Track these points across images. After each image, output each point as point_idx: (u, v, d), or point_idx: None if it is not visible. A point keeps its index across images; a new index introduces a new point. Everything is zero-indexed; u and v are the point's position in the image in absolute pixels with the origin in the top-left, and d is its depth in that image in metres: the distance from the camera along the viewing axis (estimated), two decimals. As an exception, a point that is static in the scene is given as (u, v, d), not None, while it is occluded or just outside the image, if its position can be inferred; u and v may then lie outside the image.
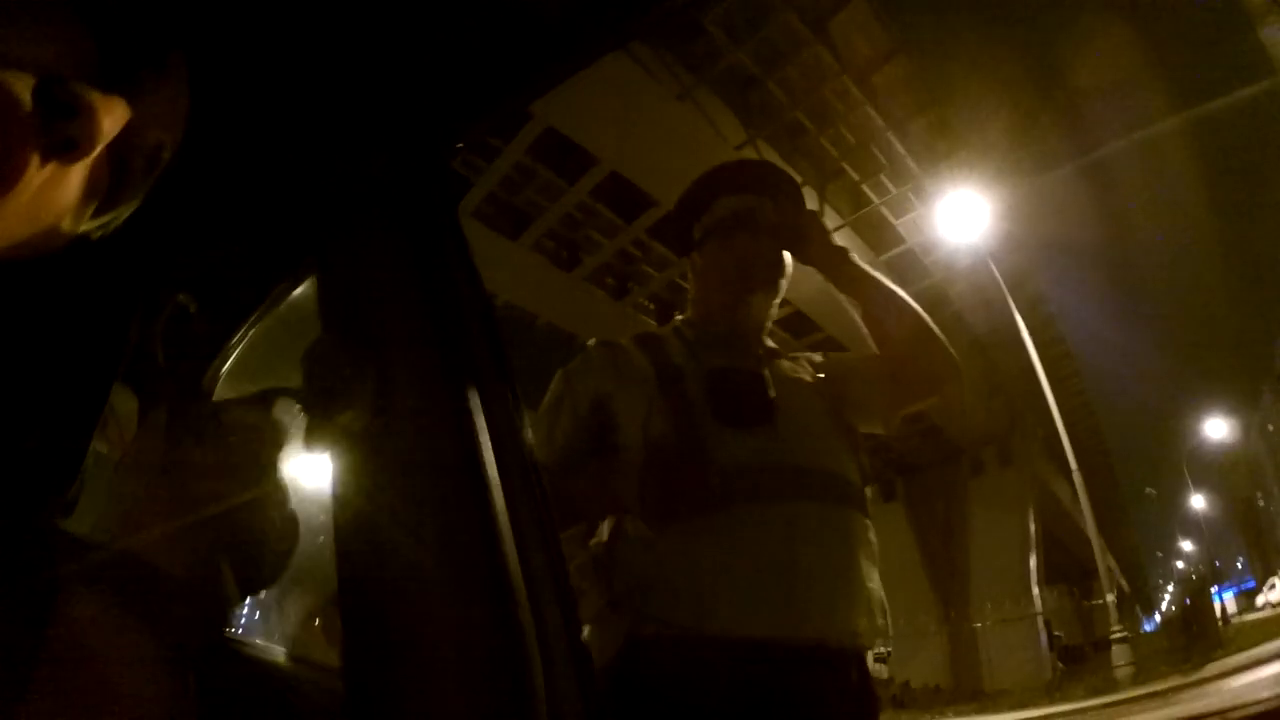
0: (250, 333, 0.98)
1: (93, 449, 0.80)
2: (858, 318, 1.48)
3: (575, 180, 10.68)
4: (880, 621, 1.34)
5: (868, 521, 1.39)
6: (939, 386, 1.46)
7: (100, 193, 0.57)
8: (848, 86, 10.82)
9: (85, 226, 0.58)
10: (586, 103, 8.85)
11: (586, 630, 1.29)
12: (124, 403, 0.86)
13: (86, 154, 0.53)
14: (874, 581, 1.35)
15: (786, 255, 1.50)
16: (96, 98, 0.53)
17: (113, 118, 0.54)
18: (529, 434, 0.88)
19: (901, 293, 1.45)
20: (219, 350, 1.00)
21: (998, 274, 11.01)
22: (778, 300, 1.51)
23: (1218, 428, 24.83)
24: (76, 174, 0.54)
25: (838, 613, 1.29)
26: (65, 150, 0.52)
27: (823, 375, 1.49)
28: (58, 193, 0.54)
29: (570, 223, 11.34)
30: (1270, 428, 25.73)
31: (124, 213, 0.61)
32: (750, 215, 1.50)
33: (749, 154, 10.07)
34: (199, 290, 0.93)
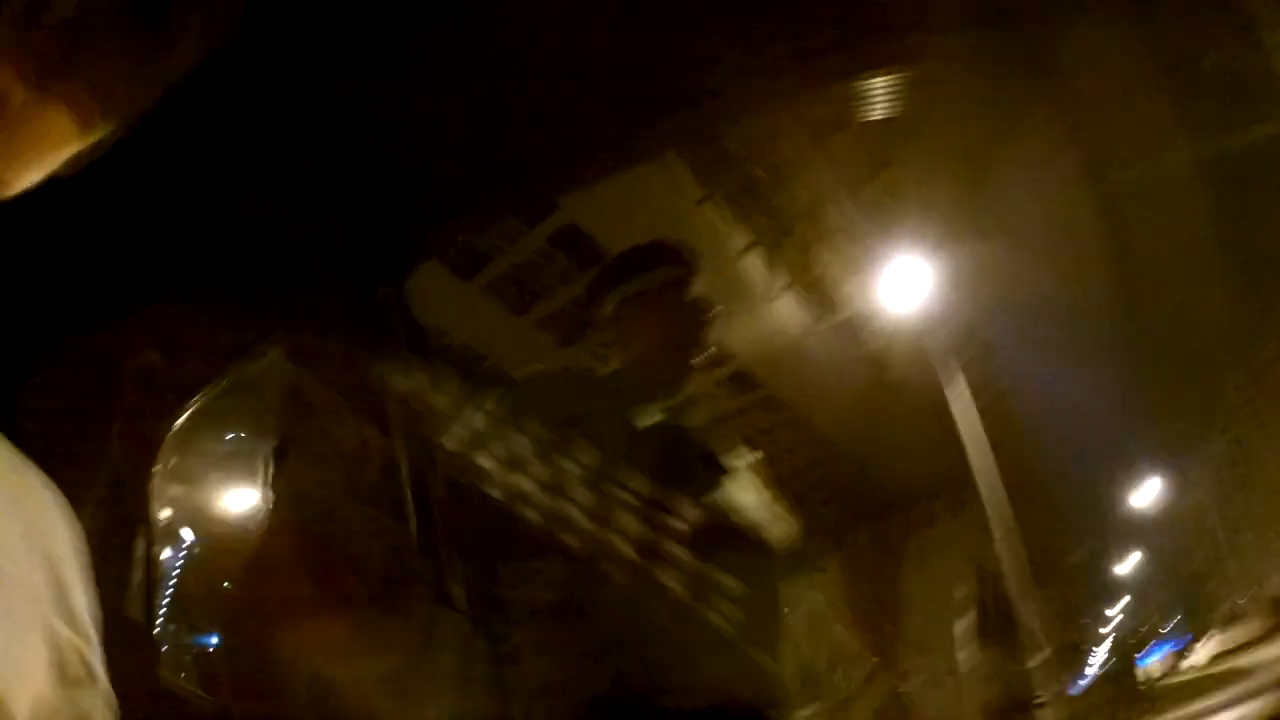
0: (207, 395, 1.08)
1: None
2: None
3: (533, 225, 10.79)
4: (804, 674, 1.39)
5: (797, 576, 1.44)
6: None
7: (99, 117, 0.50)
8: (804, 147, 11.10)
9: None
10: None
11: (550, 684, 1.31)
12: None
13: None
14: (803, 635, 1.39)
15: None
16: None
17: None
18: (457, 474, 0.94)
19: None
20: (178, 403, 1.08)
21: (939, 339, 11.31)
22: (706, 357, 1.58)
23: (1152, 487, 25.60)
24: (63, 100, 0.48)
25: (754, 671, 1.33)
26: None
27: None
28: (42, 125, 0.48)
29: (525, 267, 11.42)
30: (1198, 491, 26.48)
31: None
32: (667, 287, 1.57)
33: (706, 209, 10.26)
34: (170, 350, 1.02)
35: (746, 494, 1.50)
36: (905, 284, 11.21)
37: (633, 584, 1.38)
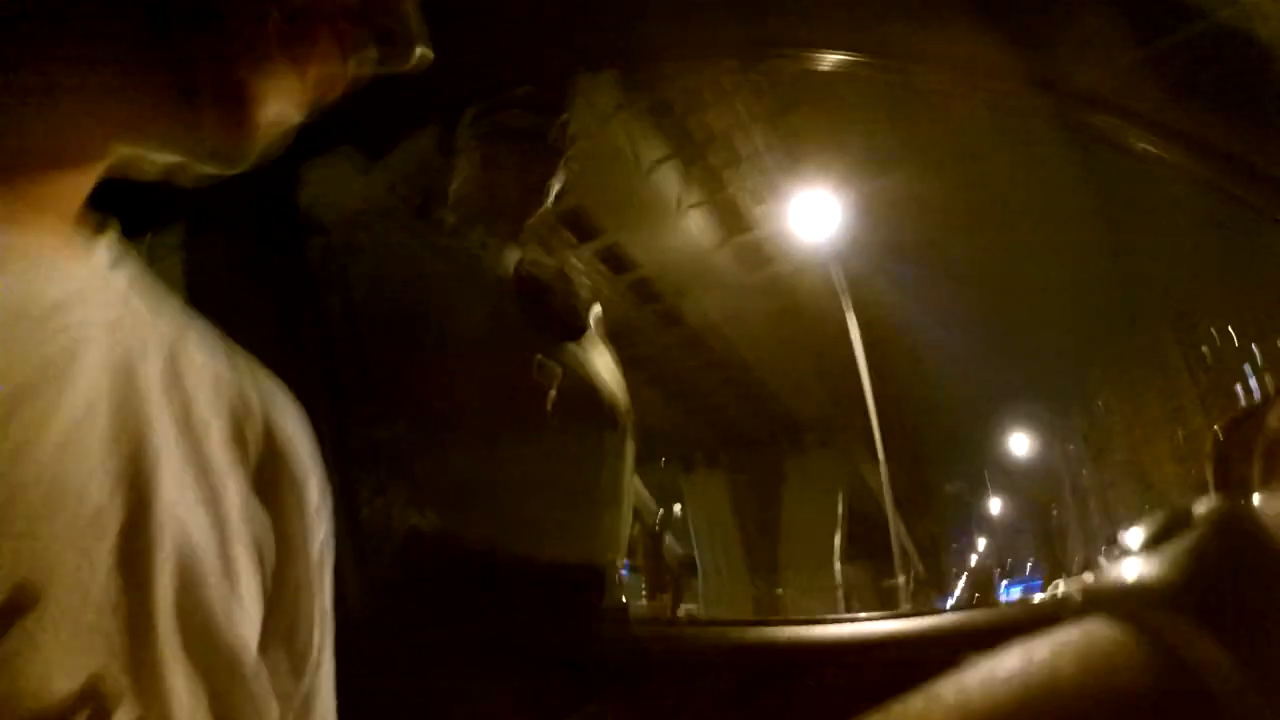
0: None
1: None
2: None
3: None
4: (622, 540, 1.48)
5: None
6: None
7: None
8: (719, 77, 11.11)
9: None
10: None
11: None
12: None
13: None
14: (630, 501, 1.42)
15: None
16: None
17: None
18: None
19: None
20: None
21: (838, 275, 11.70)
22: None
23: (1023, 439, 27.11)
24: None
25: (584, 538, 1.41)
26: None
27: None
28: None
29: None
30: (1070, 446, 27.92)
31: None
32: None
33: (619, 121, 10.24)
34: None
35: (599, 358, 1.56)
36: (812, 215, 11.53)
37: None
